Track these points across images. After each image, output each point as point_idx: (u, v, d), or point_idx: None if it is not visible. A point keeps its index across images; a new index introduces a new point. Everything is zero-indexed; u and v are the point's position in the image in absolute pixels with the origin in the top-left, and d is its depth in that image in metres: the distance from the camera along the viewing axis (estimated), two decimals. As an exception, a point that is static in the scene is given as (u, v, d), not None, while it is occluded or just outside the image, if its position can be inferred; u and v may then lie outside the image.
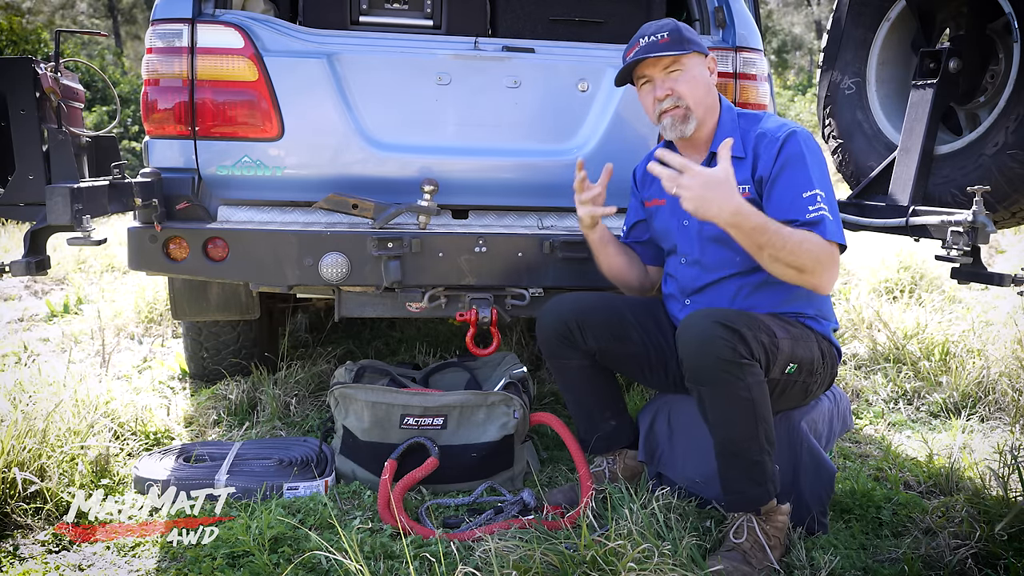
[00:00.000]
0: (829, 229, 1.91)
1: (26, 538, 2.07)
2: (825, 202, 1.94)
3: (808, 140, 2.02)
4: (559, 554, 1.78)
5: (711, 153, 2.12)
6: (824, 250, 1.90)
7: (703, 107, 2.09)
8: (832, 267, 1.92)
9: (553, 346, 2.24)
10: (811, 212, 1.92)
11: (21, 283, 5.61)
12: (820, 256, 1.89)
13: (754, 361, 1.86)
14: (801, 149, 1.99)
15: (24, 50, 13.71)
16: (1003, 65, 2.49)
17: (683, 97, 2.07)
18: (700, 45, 2.10)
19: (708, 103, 2.11)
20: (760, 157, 2.04)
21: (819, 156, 2.02)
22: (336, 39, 2.56)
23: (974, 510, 2.08)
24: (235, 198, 2.55)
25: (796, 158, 1.98)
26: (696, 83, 2.08)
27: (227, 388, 3.11)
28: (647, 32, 2.08)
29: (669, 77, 2.08)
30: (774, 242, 1.86)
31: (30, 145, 2.25)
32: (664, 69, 2.08)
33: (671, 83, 2.07)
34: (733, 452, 1.91)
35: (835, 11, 2.98)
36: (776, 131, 2.04)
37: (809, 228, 1.91)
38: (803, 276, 1.90)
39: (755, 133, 2.07)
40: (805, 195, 1.94)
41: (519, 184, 2.66)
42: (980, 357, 3.36)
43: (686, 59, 2.07)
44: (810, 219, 1.92)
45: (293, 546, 1.97)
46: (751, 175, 2.05)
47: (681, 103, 2.07)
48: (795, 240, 1.87)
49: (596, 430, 2.31)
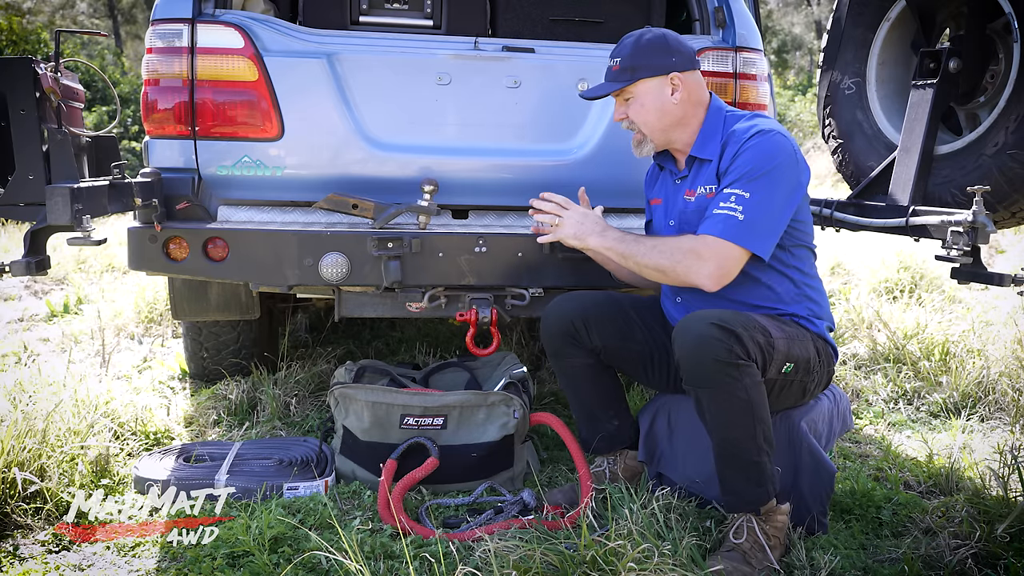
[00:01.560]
0: (721, 227, 1.95)
1: (26, 538, 2.07)
2: (743, 203, 1.94)
3: (770, 142, 2.00)
4: (559, 554, 1.78)
5: (690, 157, 2.14)
6: (688, 245, 1.98)
7: (659, 130, 2.13)
8: (698, 261, 1.96)
9: (557, 344, 2.24)
10: (721, 208, 1.97)
11: (21, 283, 5.60)
12: (678, 253, 1.98)
13: (750, 362, 1.86)
14: (754, 147, 2.00)
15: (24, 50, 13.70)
16: (1003, 65, 2.49)
17: (635, 123, 2.14)
18: (656, 67, 2.08)
19: (666, 124, 2.12)
20: (724, 156, 2.06)
21: (772, 159, 1.98)
22: (336, 39, 2.56)
23: (974, 510, 2.08)
24: (235, 198, 2.55)
25: (743, 155, 2.00)
26: (645, 110, 2.11)
27: (227, 388, 3.11)
28: (613, 52, 2.14)
29: (624, 103, 2.14)
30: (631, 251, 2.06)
31: (30, 145, 2.25)
32: (618, 95, 2.14)
33: (624, 108, 2.15)
34: (731, 453, 1.92)
35: (835, 11, 2.98)
36: (745, 132, 2.05)
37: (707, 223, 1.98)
38: (667, 276, 2.02)
39: (728, 132, 2.09)
40: (724, 191, 1.99)
41: (519, 184, 2.66)
42: (980, 357, 3.35)
43: (635, 88, 2.10)
44: (716, 213, 1.97)
45: (293, 546, 1.97)
46: (716, 175, 2.08)
47: (634, 127, 2.15)
48: (649, 245, 2.05)
49: (599, 430, 2.31)
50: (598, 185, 2.61)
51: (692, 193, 2.13)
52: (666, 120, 2.11)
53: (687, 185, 2.16)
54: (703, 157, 2.11)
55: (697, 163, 2.14)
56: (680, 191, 2.18)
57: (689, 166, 2.16)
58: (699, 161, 2.13)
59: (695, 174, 2.15)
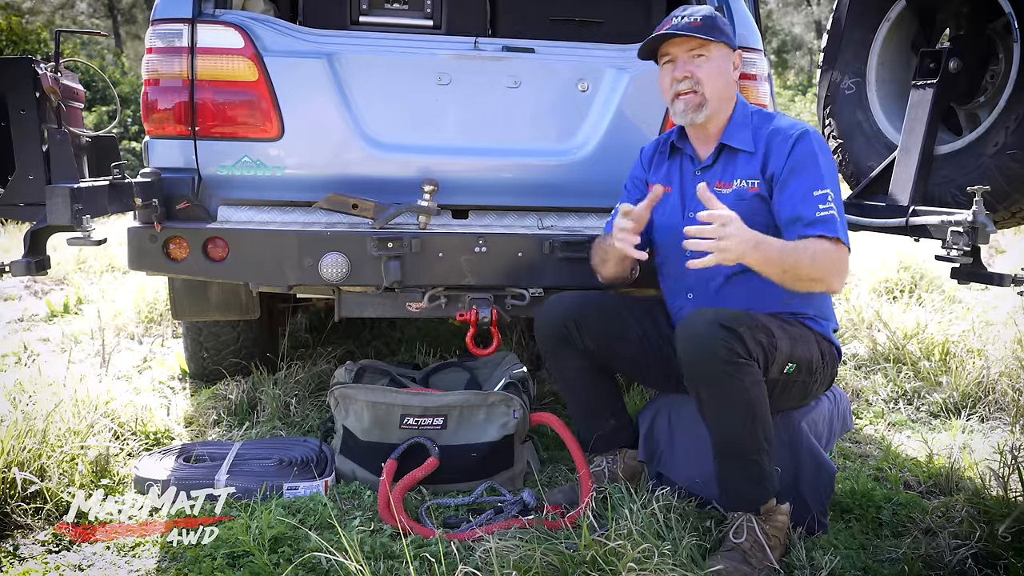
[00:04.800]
0: (838, 229, 1.93)
1: (26, 538, 2.07)
2: (834, 202, 1.95)
3: (820, 140, 2.04)
4: (559, 554, 1.78)
5: (720, 145, 2.12)
6: (835, 254, 1.92)
7: (719, 98, 2.09)
8: (844, 270, 1.94)
9: (551, 345, 2.24)
10: (821, 210, 1.93)
11: (21, 283, 5.60)
12: (833, 262, 1.91)
13: (752, 361, 1.86)
14: (813, 148, 2.01)
15: (24, 50, 13.70)
16: (1003, 65, 2.49)
17: (701, 83, 2.07)
18: (731, 39, 2.11)
19: (725, 96, 2.11)
20: (771, 153, 2.04)
21: (829, 157, 2.04)
22: (336, 39, 2.56)
23: (974, 510, 2.08)
24: (235, 198, 2.55)
25: (808, 156, 2.00)
26: (717, 73, 2.08)
27: (227, 388, 3.10)
28: (681, 12, 2.09)
29: (692, 61, 2.08)
30: (795, 260, 1.86)
31: (30, 145, 2.25)
32: (689, 51, 2.08)
33: (692, 67, 2.07)
34: (731, 452, 1.92)
35: (835, 11, 2.97)
36: (789, 129, 2.05)
37: (818, 227, 1.92)
38: (819, 285, 1.93)
39: (767, 130, 2.08)
40: (816, 193, 1.95)
41: (519, 184, 2.66)
42: (980, 357, 3.36)
43: (713, 47, 2.07)
44: (820, 217, 1.93)
45: (293, 546, 1.97)
46: (760, 171, 2.06)
47: (699, 88, 2.07)
48: (809, 254, 1.88)
49: (596, 429, 2.31)
50: (598, 185, 2.61)
51: (727, 186, 2.09)
52: (726, 92, 2.11)
53: (716, 176, 2.11)
54: (736, 147, 2.09)
55: (727, 152, 2.12)
56: (706, 182, 2.05)
57: (716, 155, 2.13)
58: (729, 150, 2.11)
59: (725, 165, 2.12)
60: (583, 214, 2.68)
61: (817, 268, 1.89)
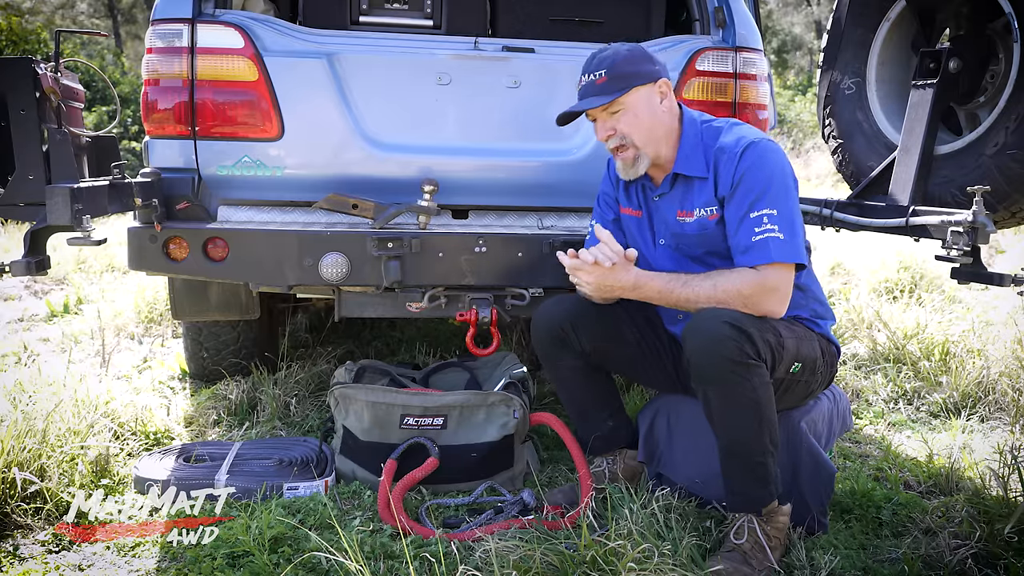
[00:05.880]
0: (772, 252, 1.89)
1: (26, 538, 2.07)
2: (776, 221, 1.90)
3: (765, 152, 1.97)
4: (559, 554, 1.78)
5: (673, 175, 2.08)
6: (753, 279, 1.90)
7: (651, 141, 2.05)
8: (769, 292, 1.90)
9: (547, 347, 2.24)
10: (757, 234, 1.91)
11: (21, 283, 5.61)
12: (747, 288, 1.89)
13: (760, 362, 1.86)
14: (755, 163, 1.95)
15: (24, 50, 13.69)
16: (1003, 65, 2.49)
17: (627, 135, 2.04)
18: (644, 75, 2.02)
19: (657, 134, 2.05)
20: (720, 175, 2.00)
21: (778, 166, 1.97)
22: (336, 39, 2.56)
23: (974, 510, 2.08)
24: (235, 198, 2.55)
25: (748, 173, 1.95)
26: (638, 120, 2.03)
27: (227, 388, 3.10)
28: (588, 68, 2.04)
29: (612, 117, 2.04)
30: (687, 297, 1.95)
31: (30, 145, 2.25)
32: (603, 111, 2.05)
33: (613, 123, 2.04)
34: (737, 453, 1.92)
35: (835, 11, 2.98)
36: (734, 146, 1.99)
37: (750, 254, 1.91)
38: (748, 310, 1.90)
39: (715, 148, 2.02)
40: (752, 216, 1.92)
41: (519, 184, 2.66)
42: (980, 357, 3.36)
43: (625, 98, 2.01)
44: (754, 242, 1.91)
45: (293, 546, 1.97)
46: (715, 194, 2.02)
47: (626, 141, 2.05)
48: (707, 287, 1.93)
49: (594, 430, 2.31)
50: (598, 185, 2.60)
51: (688, 214, 2.06)
52: (658, 130, 2.05)
53: (675, 204, 2.09)
54: (690, 174, 2.05)
55: (682, 179, 2.07)
56: (667, 209, 2.11)
57: (671, 183, 2.10)
58: (683, 178, 2.07)
59: (682, 192, 2.08)
60: (583, 214, 2.68)
61: (724, 298, 1.90)
